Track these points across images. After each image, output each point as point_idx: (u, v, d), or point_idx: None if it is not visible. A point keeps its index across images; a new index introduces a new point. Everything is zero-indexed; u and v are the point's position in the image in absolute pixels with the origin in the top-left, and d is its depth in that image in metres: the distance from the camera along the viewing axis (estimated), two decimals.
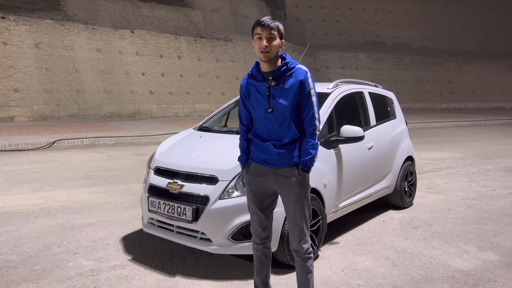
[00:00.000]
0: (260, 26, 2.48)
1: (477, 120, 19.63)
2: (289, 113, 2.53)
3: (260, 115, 2.59)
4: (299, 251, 2.62)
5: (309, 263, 2.64)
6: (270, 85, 2.54)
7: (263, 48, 2.46)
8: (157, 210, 3.49)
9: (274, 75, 2.53)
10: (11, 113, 15.77)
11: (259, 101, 2.58)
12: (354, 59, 28.74)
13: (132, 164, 8.17)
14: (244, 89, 2.67)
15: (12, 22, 16.05)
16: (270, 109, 2.53)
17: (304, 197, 2.59)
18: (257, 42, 2.50)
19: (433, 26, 35.09)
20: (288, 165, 2.55)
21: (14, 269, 3.43)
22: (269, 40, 2.47)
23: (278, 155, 2.54)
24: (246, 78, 2.69)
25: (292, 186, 2.55)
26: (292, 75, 2.53)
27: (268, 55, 2.48)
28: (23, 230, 4.37)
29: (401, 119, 5.56)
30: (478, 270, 3.46)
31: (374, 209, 5.17)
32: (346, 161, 4.09)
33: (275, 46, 2.49)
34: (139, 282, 3.22)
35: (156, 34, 19.84)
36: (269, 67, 2.55)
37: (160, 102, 19.50)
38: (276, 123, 2.55)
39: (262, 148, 2.59)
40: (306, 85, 2.53)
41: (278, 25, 2.51)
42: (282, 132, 2.55)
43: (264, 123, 2.59)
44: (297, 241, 2.60)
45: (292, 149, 2.55)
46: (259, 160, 2.62)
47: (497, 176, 7.35)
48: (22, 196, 5.71)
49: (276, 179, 2.58)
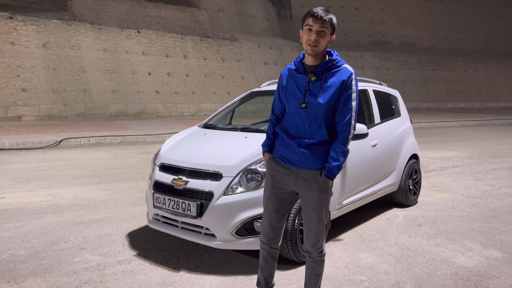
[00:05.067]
0: (312, 18, 2.31)
1: (484, 120, 19.50)
2: (323, 113, 2.37)
3: (293, 109, 2.45)
4: (311, 252, 2.54)
5: (321, 266, 2.58)
6: (310, 79, 2.39)
7: (312, 41, 2.30)
8: (162, 206, 3.53)
9: (317, 70, 2.39)
10: (19, 112, 15.93)
11: (295, 94, 2.44)
12: (360, 58, 28.67)
13: (138, 163, 8.24)
14: (283, 80, 2.53)
15: (19, 22, 16.21)
16: (304, 105, 2.38)
17: (324, 204, 2.45)
18: (306, 34, 2.34)
19: (440, 25, 34.93)
20: (312, 168, 2.40)
21: (22, 264, 3.48)
22: (320, 33, 2.30)
23: (302, 155, 2.39)
24: (288, 68, 2.55)
25: (313, 190, 2.42)
26: (335, 73, 2.37)
27: (316, 50, 2.33)
28: (31, 226, 4.43)
29: (406, 117, 5.55)
30: (482, 267, 3.46)
31: (378, 206, 5.17)
32: (350, 159, 4.09)
33: (325, 41, 2.33)
34: (144, 277, 3.26)
35: (162, 34, 19.94)
36: (313, 61, 2.39)
37: (166, 102, 19.59)
38: (307, 121, 2.39)
39: (287, 145, 2.45)
40: (348, 87, 2.35)
41: (332, 18, 2.33)
42: (312, 131, 2.39)
43: (294, 119, 2.44)
44: (311, 243, 2.51)
45: (318, 152, 2.39)
46: (282, 157, 2.49)
47: (503, 175, 7.31)
48: (30, 193, 5.78)
49: (297, 180, 2.45)
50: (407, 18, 34.08)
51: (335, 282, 3.18)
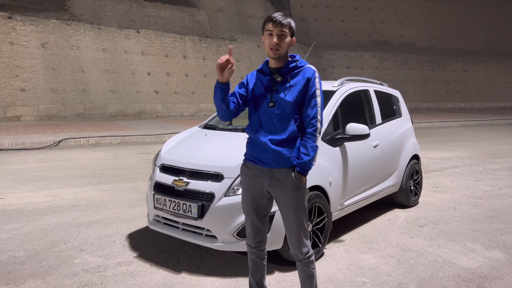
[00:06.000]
0: (272, 23, 2.42)
1: (484, 120, 19.50)
2: (290, 109, 2.47)
3: (261, 108, 2.52)
4: (297, 255, 2.55)
5: (311, 267, 2.57)
6: (276, 80, 2.50)
7: (273, 45, 2.41)
8: (162, 207, 3.50)
9: (282, 71, 2.50)
10: (18, 113, 15.88)
11: (263, 94, 2.53)
12: (360, 58, 28.66)
13: (137, 163, 8.21)
14: (248, 78, 2.62)
15: (18, 22, 16.16)
16: (272, 103, 2.48)
17: (300, 202, 2.50)
18: (268, 39, 2.45)
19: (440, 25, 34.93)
20: (284, 166, 2.46)
21: (21, 265, 3.46)
22: (280, 37, 2.42)
23: (274, 153, 2.44)
24: (255, 72, 2.65)
25: (288, 189, 2.46)
26: (299, 73, 2.50)
27: (278, 53, 2.44)
28: (30, 227, 4.40)
29: (407, 117, 5.54)
30: (484, 268, 3.44)
31: (379, 207, 5.15)
32: (352, 159, 4.08)
33: (286, 44, 2.45)
34: (144, 278, 3.24)
35: (161, 34, 19.90)
36: (277, 64, 2.51)
37: (165, 102, 19.55)
38: (276, 118, 2.48)
39: (258, 145, 2.50)
40: (312, 84, 2.48)
41: (290, 22, 2.45)
42: (281, 127, 2.46)
43: (263, 117, 2.51)
44: (295, 246, 2.53)
45: (289, 148, 2.46)
46: (254, 158, 2.54)
47: (503, 175, 7.30)
48: (29, 194, 5.75)
49: (271, 181, 2.49)
50: (407, 18, 34.08)
51: (337, 284, 3.16)
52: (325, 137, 3.83)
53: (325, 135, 3.84)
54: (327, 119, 3.94)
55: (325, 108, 4.01)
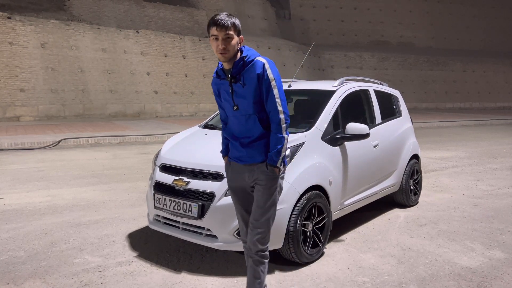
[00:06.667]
0: (215, 27, 2.33)
1: (483, 120, 19.52)
2: (252, 109, 2.46)
3: (229, 113, 2.57)
4: (250, 248, 2.53)
5: (261, 269, 2.53)
6: (231, 82, 2.47)
7: (221, 50, 2.35)
8: (163, 207, 3.50)
9: (232, 72, 2.44)
10: (17, 113, 15.88)
11: (226, 99, 2.55)
12: (359, 58, 28.68)
13: (137, 163, 8.20)
14: (215, 87, 2.62)
15: (18, 22, 16.15)
16: (235, 107, 2.49)
17: (270, 195, 2.50)
18: (214, 43, 2.37)
19: (439, 25, 34.99)
20: (259, 161, 2.51)
21: (21, 265, 3.45)
22: (226, 40, 2.34)
23: (247, 152, 2.52)
24: (214, 77, 2.62)
25: (262, 181, 2.50)
26: (250, 69, 2.42)
27: (227, 56, 2.37)
28: (30, 227, 4.40)
29: (407, 117, 5.54)
30: (485, 268, 3.44)
31: (379, 207, 5.16)
32: (352, 159, 4.09)
33: (233, 46, 2.37)
34: (145, 278, 3.23)
35: (161, 34, 19.90)
36: (229, 65, 2.45)
37: (165, 102, 19.55)
38: (243, 120, 2.50)
39: (235, 146, 2.59)
40: (264, 77, 2.40)
41: (234, 22, 2.36)
42: (249, 129, 2.50)
43: (234, 121, 2.56)
44: (251, 236, 2.52)
45: (260, 145, 2.50)
46: (234, 158, 2.62)
47: (503, 175, 7.31)
48: (29, 194, 5.75)
49: (250, 175, 2.55)
50: (406, 18, 34.13)
51: (337, 283, 3.16)
52: (325, 136, 3.84)
53: (325, 134, 3.84)
54: (327, 118, 3.94)
55: (326, 107, 4.02)
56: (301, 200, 3.39)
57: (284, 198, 3.27)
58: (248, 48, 2.49)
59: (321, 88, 4.58)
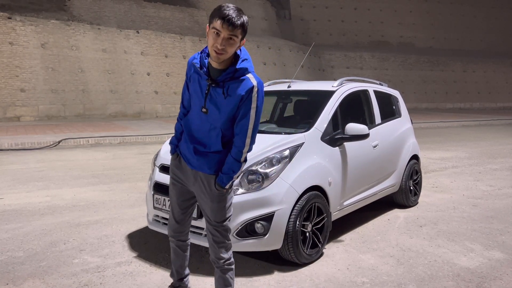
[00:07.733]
0: (222, 22, 2.03)
1: (483, 120, 19.51)
2: (221, 124, 2.26)
3: (195, 108, 2.33)
4: (215, 262, 2.48)
5: (229, 275, 2.48)
6: (211, 85, 2.23)
7: (218, 49, 2.08)
8: (162, 207, 3.50)
9: (219, 78, 2.20)
10: (17, 113, 15.88)
11: (197, 94, 2.29)
12: (359, 59, 28.68)
13: (137, 163, 8.21)
14: (190, 72, 2.34)
15: (18, 22, 16.16)
16: (205, 110, 2.27)
17: (221, 207, 2.40)
18: (213, 37, 2.08)
19: (439, 25, 34.98)
20: (207, 173, 2.35)
21: (20, 265, 3.45)
22: (228, 41, 2.07)
23: (198, 160, 2.35)
24: (193, 62, 2.32)
25: (207, 195, 2.39)
26: (239, 84, 2.18)
27: (222, 57, 2.12)
28: (30, 227, 4.40)
29: (407, 117, 5.54)
30: (484, 268, 3.44)
31: (379, 207, 5.16)
32: (351, 159, 4.09)
33: (233, 49, 2.11)
34: (144, 278, 3.24)
35: (161, 34, 19.90)
36: (218, 65, 2.19)
37: (165, 102, 19.56)
38: (206, 127, 2.30)
39: (187, 146, 2.40)
40: (248, 101, 2.19)
41: (244, 22, 2.07)
42: (209, 139, 2.31)
43: (196, 119, 2.34)
44: (213, 249, 2.46)
45: (213, 159, 2.33)
46: (184, 155, 2.44)
47: (503, 175, 7.31)
48: (29, 194, 5.75)
49: (195, 181, 2.42)
50: (406, 18, 34.13)
51: (336, 284, 3.16)
52: (325, 137, 3.84)
53: (325, 135, 3.85)
54: (327, 119, 3.94)
55: (325, 107, 4.02)
56: (300, 201, 3.39)
57: (283, 198, 3.28)
58: (245, 53, 2.27)
59: (321, 88, 4.58)
